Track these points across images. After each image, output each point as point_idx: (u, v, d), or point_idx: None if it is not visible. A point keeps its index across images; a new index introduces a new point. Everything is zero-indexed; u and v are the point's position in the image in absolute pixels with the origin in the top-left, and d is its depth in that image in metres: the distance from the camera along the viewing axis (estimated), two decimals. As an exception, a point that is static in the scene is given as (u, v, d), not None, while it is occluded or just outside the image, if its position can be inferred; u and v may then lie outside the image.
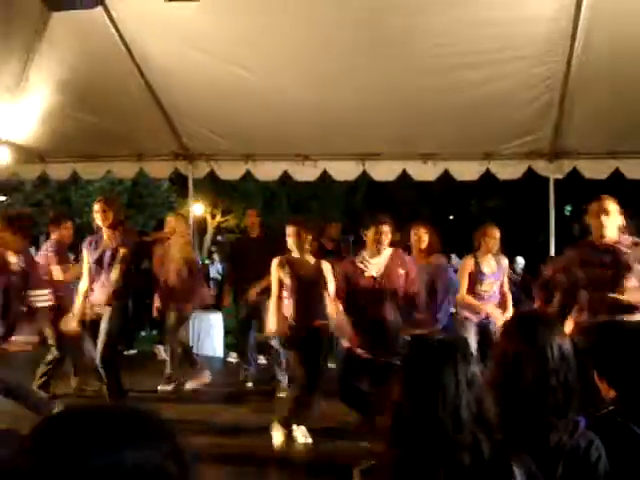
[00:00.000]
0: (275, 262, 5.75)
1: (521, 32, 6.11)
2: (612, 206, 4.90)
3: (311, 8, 6.14)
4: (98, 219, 6.40)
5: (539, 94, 6.92)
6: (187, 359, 7.83)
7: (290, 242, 5.74)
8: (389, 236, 5.49)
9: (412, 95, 7.02)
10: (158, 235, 8.52)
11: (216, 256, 21.10)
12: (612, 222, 4.88)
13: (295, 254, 5.75)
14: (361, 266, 5.51)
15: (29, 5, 6.21)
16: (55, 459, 0.54)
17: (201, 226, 25.61)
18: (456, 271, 7.20)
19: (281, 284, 5.70)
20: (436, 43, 6.31)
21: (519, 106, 7.11)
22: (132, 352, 9.95)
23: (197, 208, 19.94)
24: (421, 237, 6.43)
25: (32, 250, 7.28)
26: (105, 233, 6.42)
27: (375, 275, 5.49)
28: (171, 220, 8.13)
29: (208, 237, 29.24)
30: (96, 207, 6.44)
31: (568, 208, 28.87)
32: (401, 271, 5.51)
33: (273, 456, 5.40)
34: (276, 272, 5.73)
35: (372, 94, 7.06)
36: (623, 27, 5.80)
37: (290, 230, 5.73)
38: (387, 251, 5.56)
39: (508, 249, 8.27)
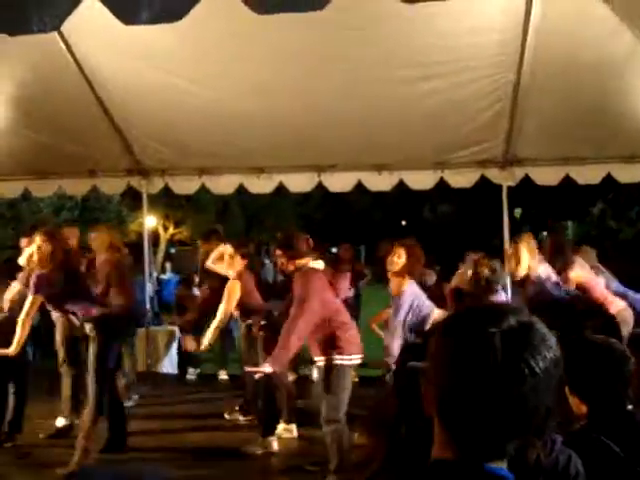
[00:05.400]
0: None
1: (471, 43, 6.20)
2: None
3: (261, 22, 6.11)
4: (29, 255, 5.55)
5: (490, 104, 7.04)
6: None
7: None
8: None
9: (365, 106, 7.06)
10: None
11: (168, 268, 20.74)
12: None
13: None
14: None
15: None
16: None
17: (154, 239, 25.29)
18: None
19: None
20: (387, 55, 6.37)
21: (471, 116, 7.22)
22: None
23: (150, 221, 19.69)
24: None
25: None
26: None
27: None
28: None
29: (161, 250, 28.84)
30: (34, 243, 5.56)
31: (518, 211, 29.32)
32: None
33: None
34: None
35: (324, 106, 7.10)
36: (571, 37, 5.91)
37: None
38: None
39: (459, 254, 8.33)
